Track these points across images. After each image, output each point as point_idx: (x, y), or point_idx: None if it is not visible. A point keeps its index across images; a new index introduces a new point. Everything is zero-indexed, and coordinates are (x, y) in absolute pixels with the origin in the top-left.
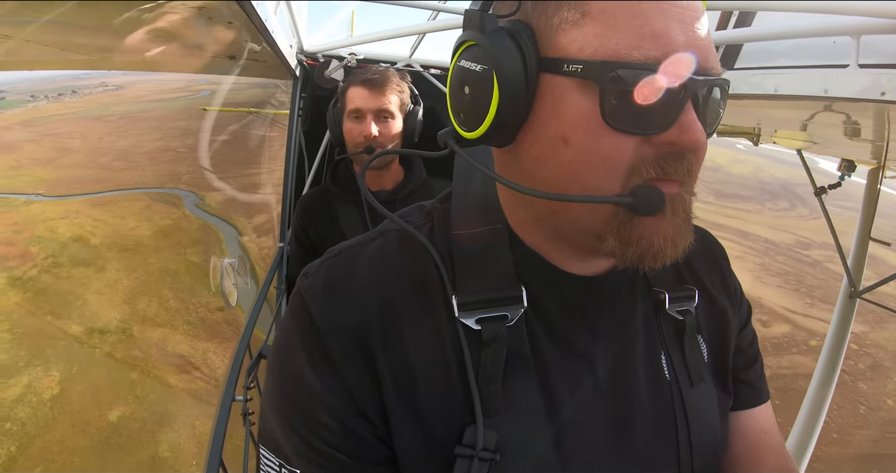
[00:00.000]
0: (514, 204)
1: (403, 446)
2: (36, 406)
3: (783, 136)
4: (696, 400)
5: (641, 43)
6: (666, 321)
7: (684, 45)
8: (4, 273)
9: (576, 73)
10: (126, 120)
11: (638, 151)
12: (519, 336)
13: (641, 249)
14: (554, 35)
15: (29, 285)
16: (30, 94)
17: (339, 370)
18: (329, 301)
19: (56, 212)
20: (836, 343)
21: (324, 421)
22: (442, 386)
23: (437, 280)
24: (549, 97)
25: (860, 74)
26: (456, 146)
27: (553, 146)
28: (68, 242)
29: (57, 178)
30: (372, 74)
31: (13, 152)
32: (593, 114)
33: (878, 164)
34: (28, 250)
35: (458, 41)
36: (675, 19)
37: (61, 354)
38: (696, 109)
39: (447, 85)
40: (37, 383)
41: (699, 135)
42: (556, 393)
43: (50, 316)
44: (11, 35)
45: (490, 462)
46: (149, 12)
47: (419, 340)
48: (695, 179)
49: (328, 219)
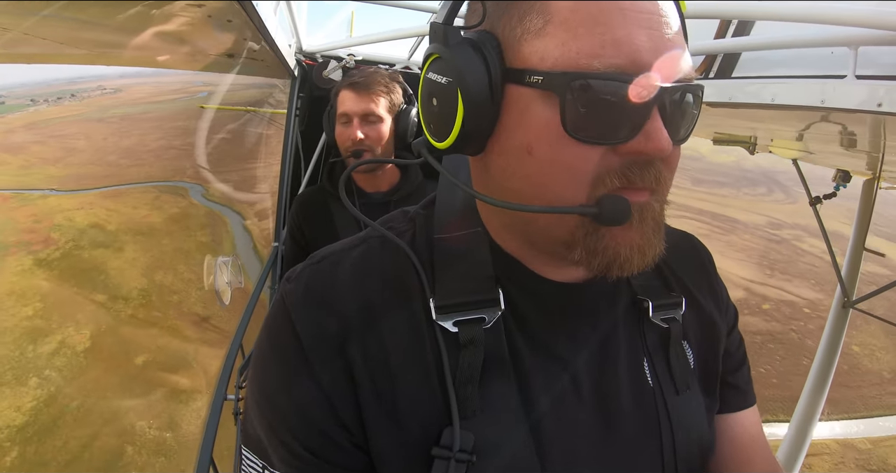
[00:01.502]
0: (489, 212)
1: (381, 450)
2: (70, 357)
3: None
4: (681, 408)
5: (602, 51)
6: (650, 329)
7: (650, 51)
8: (30, 256)
9: (537, 84)
10: (127, 121)
11: (603, 161)
12: (497, 339)
13: (608, 259)
14: (517, 45)
15: (54, 265)
16: (29, 98)
17: (318, 376)
18: (310, 306)
19: (71, 205)
20: (828, 352)
21: (303, 428)
22: (420, 388)
23: (416, 284)
24: (515, 108)
25: (857, 85)
26: (428, 156)
27: (518, 157)
28: (86, 229)
29: (67, 175)
30: (359, 77)
31: (22, 153)
32: (555, 124)
33: (874, 175)
34: (50, 236)
35: (425, 54)
36: (640, 26)
37: (90, 317)
38: (662, 117)
39: (418, 95)
40: (70, 339)
41: (664, 144)
42: (535, 396)
43: (76, 288)
44: (10, 27)
45: (467, 464)
46: (149, 9)
47: (398, 345)
48: (665, 187)
49: (323, 218)
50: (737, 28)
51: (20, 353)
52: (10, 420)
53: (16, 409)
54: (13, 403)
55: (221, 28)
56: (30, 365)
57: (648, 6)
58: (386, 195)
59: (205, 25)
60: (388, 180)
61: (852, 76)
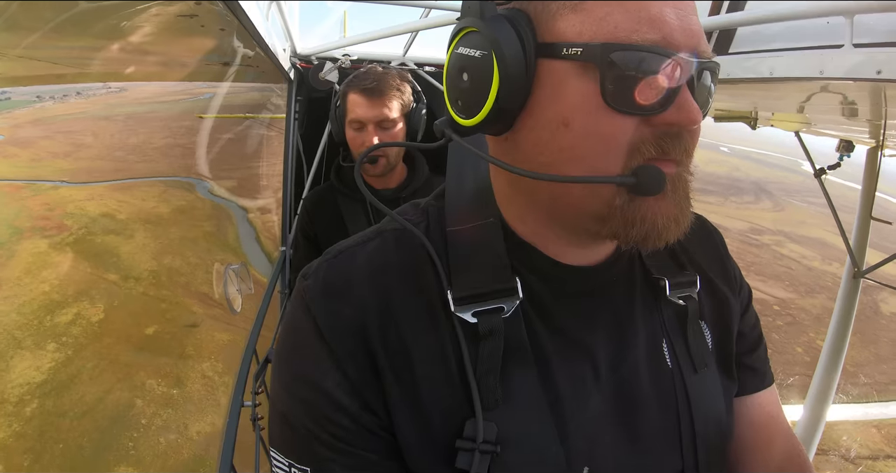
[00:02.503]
0: (510, 195)
1: (407, 440)
2: (86, 326)
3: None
4: (699, 387)
5: (639, 26)
6: (667, 307)
7: (679, 29)
8: (45, 240)
9: (575, 56)
10: (133, 120)
11: (637, 131)
12: (516, 328)
13: (646, 229)
14: (552, 20)
15: (68, 248)
16: (35, 95)
17: (344, 367)
18: (329, 301)
19: (82, 195)
20: (841, 323)
21: (333, 417)
22: (441, 380)
23: (433, 276)
24: (548, 82)
25: (855, 54)
26: (454, 135)
27: (553, 130)
28: (97, 217)
29: (77, 169)
30: (371, 81)
31: (30, 147)
32: (594, 96)
33: (877, 143)
34: (63, 223)
35: (457, 28)
36: (669, 5)
37: (103, 293)
38: (691, 90)
39: (444, 73)
40: (85, 311)
41: (696, 115)
42: (557, 383)
43: (90, 269)
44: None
45: (491, 455)
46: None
47: (418, 336)
48: (691, 159)
49: (333, 216)
50: (731, 3)
51: (38, 322)
52: (29, 378)
53: (35, 369)
54: (32, 364)
55: (215, 37)
56: (47, 332)
57: None
58: (395, 191)
59: (198, 36)
60: (397, 177)
61: (850, 45)
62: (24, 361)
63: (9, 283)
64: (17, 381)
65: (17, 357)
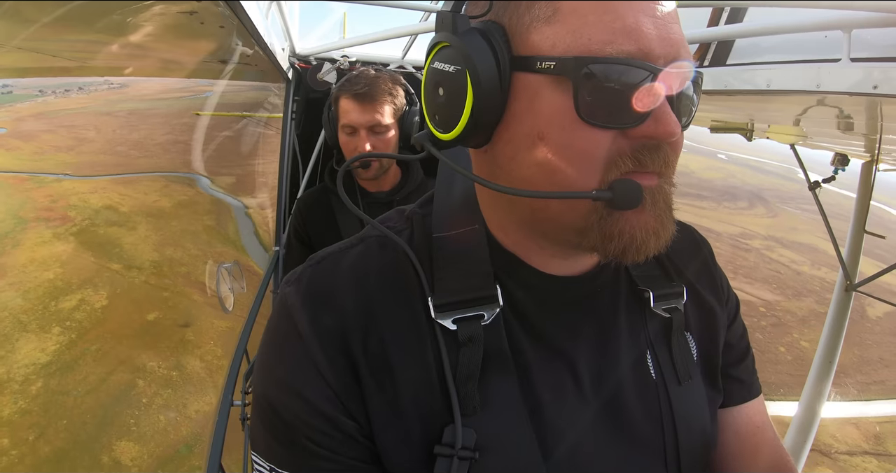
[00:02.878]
0: (492, 205)
1: (387, 447)
2: (89, 312)
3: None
4: (683, 399)
5: (614, 38)
6: (652, 319)
7: (657, 39)
8: (50, 230)
9: (549, 70)
10: (135, 116)
11: (614, 145)
12: (497, 335)
13: (624, 243)
14: (526, 33)
15: (72, 238)
16: (38, 89)
17: (324, 373)
18: (312, 307)
19: (85, 188)
20: (832, 336)
21: (314, 423)
22: (422, 386)
23: (416, 283)
24: (524, 95)
25: (852, 68)
26: (433, 148)
27: (529, 144)
28: (100, 209)
29: (80, 162)
30: (362, 86)
31: (33, 140)
32: (568, 109)
33: (872, 158)
34: (66, 214)
35: (431, 43)
36: (646, 14)
37: (106, 282)
38: (670, 102)
39: (422, 87)
40: (89, 298)
41: (674, 127)
42: (538, 391)
43: (93, 258)
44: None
45: (470, 461)
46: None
47: (399, 343)
48: (673, 170)
49: (327, 217)
50: (729, 15)
51: (43, 307)
52: (35, 358)
53: (40, 351)
54: (38, 346)
55: (214, 35)
56: (52, 317)
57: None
58: (388, 194)
59: (197, 33)
60: (391, 180)
61: (847, 59)
62: (29, 343)
63: (14, 270)
64: (22, 362)
65: (22, 339)
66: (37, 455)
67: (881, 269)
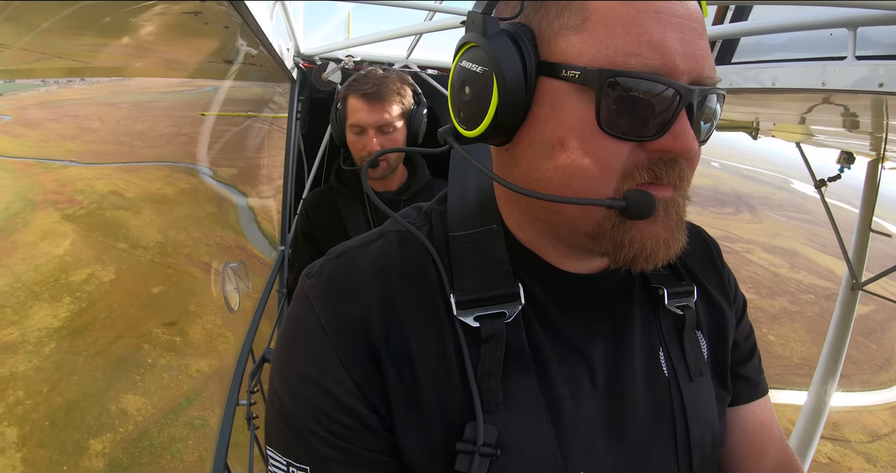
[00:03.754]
0: (511, 203)
1: (407, 441)
2: (98, 285)
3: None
4: (694, 396)
5: (639, 51)
6: (665, 317)
7: (681, 54)
8: (58, 212)
9: (573, 79)
10: (138, 108)
11: (631, 156)
12: (517, 333)
13: (634, 251)
14: (554, 39)
15: (80, 220)
16: (40, 79)
17: (346, 365)
18: (333, 298)
19: (91, 175)
20: (838, 335)
21: (335, 415)
22: (443, 382)
23: (436, 279)
24: (548, 100)
25: (858, 66)
26: (455, 143)
27: (549, 148)
28: (107, 194)
29: (85, 151)
30: (371, 85)
31: (38, 128)
32: (589, 119)
33: (878, 156)
34: (74, 198)
35: (461, 42)
36: (673, 29)
37: (114, 259)
38: (689, 117)
39: (449, 84)
40: (97, 272)
41: (691, 143)
42: (556, 388)
43: (101, 237)
44: (9, 44)
45: (491, 458)
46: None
47: (420, 337)
48: (687, 184)
49: (333, 217)
50: (734, 13)
51: (54, 279)
52: (47, 324)
53: (52, 317)
54: (49, 313)
55: (218, 35)
56: (63, 288)
57: (680, 10)
58: (395, 194)
59: (201, 33)
60: (398, 179)
61: (852, 57)
62: (42, 311)
63: (26, 247)
64: (36, 326)
65: (35, 307)
66: (50, 404)
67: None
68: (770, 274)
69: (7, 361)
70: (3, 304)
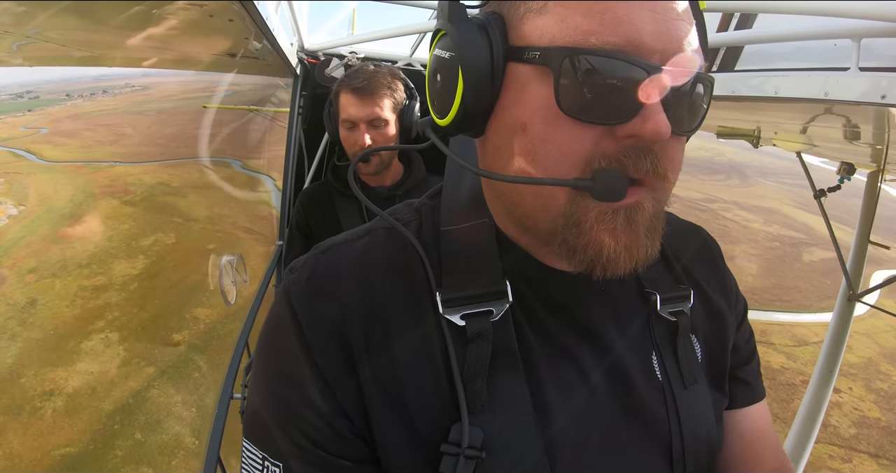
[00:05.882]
0: (491, 198)
1: (387, 444)
2: (163, 246)
3: (783, 139)
4: (688, 402)
5: (600, 29)
6: (658, 322)
7: (652, 33)
8: (116, 199)
9: (534, 60)
10: (165, 114)
11: (599, 145)
12: (505, 332)
13: (590, 256)
14: (520, 24)
15: (137, 204)
16: (65, 94)
17: (320, 363)
18: (312, 296)
19: (137, 171)
20: (834, 345)
21: (306, 416)
22: (427, 382)
23: (422, 276)
24: (514, 85)
25: (860, 77)
26: (431, 134)
27: (512, 134)
28: (155, 185)
29: (126, 153)
30: (361, 80)
31: (76, 137)
32: (550, 101)
33: (878, 168)
34: (127, 189)
35: (433, 30)
36: (643, 7)
37: (172, 228)
38: (663, 101)
39: (426, 76)
40: (161, 238)
41: (661, 127)
42: (545, 389)
43: (158, 215)
44: (12, 31)
45: (476, 460)
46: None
47: (404, 337)
48: (664, 181)
49: (328, 212)
50: (739, 21)
51: (126, 245)
52: (127, 272)
53: (131, 268)
54: (128, 265)
55: (223, 28)
56: (135, 250)
57: None
58: (390, 189)
59: (207, 26)
60: (392, 175)
61: (855, 68)
62: (121, 265)
63: (96, 224)
64: (119, 274)
65: (115, 263)
66: (140, 318)
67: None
68: (740, 227)
69: (100, 296)
70: (88, 263)
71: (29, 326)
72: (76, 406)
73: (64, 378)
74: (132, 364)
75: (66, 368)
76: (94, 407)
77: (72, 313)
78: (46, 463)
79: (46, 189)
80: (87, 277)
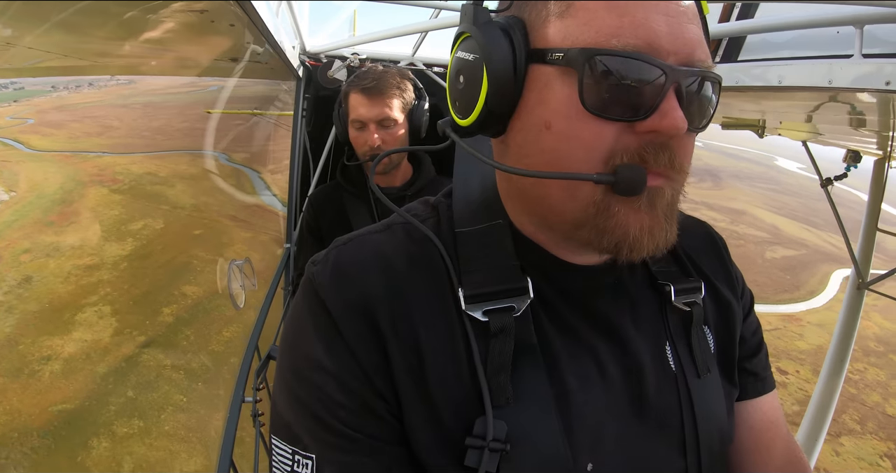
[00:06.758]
0: (511, 197)
1: (414, 428)
2: (152, 230)
3: (788, 128)
4: (702, 392)
5: (621, 32)
6: (672, 313)
7: (667, 35)
8: (105, 187)
9: (557, 61)
10: (150, 107)
11: (620, 140)
12: (526, 327)
13: (617, 238)
14: (542, 27)
15: (125, 192)
16: (50, 85)
17: (353, 350)
18: (339, 284)
19: (125, 161)
20: (844, 334)
21: (341, 401)
22: (451, 375)
23: (443, 272)
24: (536, 86)
25: (864, 64)
26: (454, 134)
27: (536, 132)
28: (143, 175)
29: (113, 144)
30: (370, 81)
31: (63, 128)
32: (574, 100)
33: (884, 155)
34: (115, 178)
35: (456, 33)
36: (658, 11)
37: (160, 215)
38: (679, 99)
39: (447, 76)
40: (150, 223)
41: (679, 122)
42: (565, 382)
43: (147, 203)
44: (14, 42)
45: (501, 453)
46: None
47: (428, 329)
48: (679, 173)
49: (338, 213)
50: (741, 11)
51: (116, 229)
52: (118, 253)
53: (121, 249)
54: (118, 247)
55: (224, 33)
56: (125, 233)
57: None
58: (400, 190)
59: (208, 31)
60: (402, 175)
61: (859, 55)
62: (112, 247)
63: (87, 210)
64: (110, 254)
65: (105, 245)
66: (131, 294)
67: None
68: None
69: (93, 274)
70: (81, 245)
71: (25, 300)
72: (72, 369)
73: (60, 345)
74: (124, 333)
75: (62, 337)
76: (88, 370)
77: (66, 289)
78: (44, 418)
79: (36, 176)
80: (80, 257)
